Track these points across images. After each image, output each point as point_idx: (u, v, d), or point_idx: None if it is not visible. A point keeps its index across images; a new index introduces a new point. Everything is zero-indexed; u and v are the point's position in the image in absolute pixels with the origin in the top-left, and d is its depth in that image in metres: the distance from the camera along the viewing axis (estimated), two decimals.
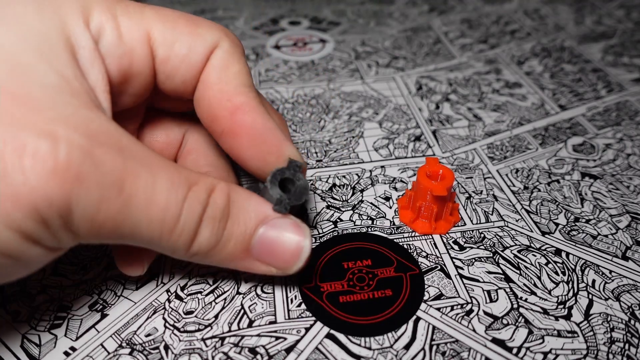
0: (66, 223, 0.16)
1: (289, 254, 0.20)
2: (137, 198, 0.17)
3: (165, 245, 0.18)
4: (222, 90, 0.21)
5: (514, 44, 0.46)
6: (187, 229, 0.18)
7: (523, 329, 0.21)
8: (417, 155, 0.32)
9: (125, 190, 0.16)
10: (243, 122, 0.21)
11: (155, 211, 0.17)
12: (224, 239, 0.19)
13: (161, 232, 0.18)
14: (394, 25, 0.50)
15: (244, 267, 0.21)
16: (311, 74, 0.41)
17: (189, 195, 0.18)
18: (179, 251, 0.19)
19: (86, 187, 0.15)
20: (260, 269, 0.21)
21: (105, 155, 0.16)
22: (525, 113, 0.36)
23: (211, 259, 0.20)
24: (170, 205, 0.17)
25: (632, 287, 0.23)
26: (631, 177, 0.30)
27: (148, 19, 0.20)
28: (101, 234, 0.17)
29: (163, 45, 0.21)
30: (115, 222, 0.17)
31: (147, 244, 0.18)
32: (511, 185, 0.29)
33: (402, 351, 0.21)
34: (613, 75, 0.41)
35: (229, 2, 0.55)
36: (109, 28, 0.19)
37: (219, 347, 0.21)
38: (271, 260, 0.20)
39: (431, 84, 0.40)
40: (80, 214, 0.16)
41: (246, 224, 0.20)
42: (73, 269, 0.24)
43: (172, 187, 0.17)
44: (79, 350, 0.21)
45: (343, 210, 0.28)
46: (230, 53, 0.21)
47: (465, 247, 0.25)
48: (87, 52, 0.18)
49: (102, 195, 0.16)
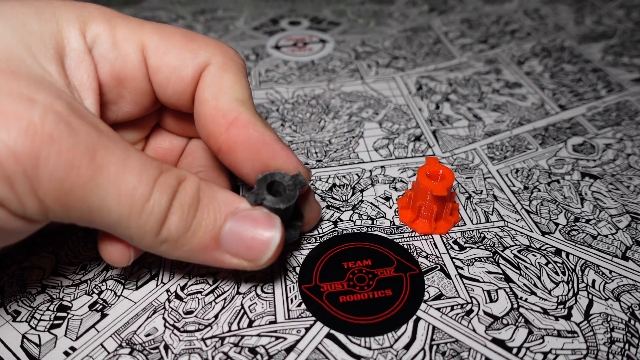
0: (32, 184, 0.16)
1: (258, 245, 0.20)
2: (107, 170, 0.17)
3: (134, 227, 0.18)
4: (216, 107, 0.21)
5: (514, 44, 0.46)
6: (156, 212, 0.18)
7: (523, 329, 0.21)
8: (417, 155, 0.32)
9: (97, 160, 0.17)
10: (237, 138, 0.21)
11: (125, 187, 0.17)
12: (193, 226, 0.19)
13: (130, 211, 0.17)
14: (394, 25, 0.50)
15: (214, 259, 0.20)
16: (311, 74, 0.41)
17: (159, 178, 0.18)
18: (147, 236, 0.18)
19: (56, 149, 0.16)
20: (231, 262, 0.20)
21: (81, 125, 0.17)
22: (525, 113, 0.36)
23: (181, 249, 0.19)
24: (141, 184, 0.17)
25: (632, 287, 0.23)
26: (631, 177, 0.30)
27: (145, 32, 0.22)
28: (68, 204, 0.17)
29: (155, 55, 0.22)
30: (84, 191, 0.17)
31: (116, 224, 0.18)
32: (511, 185, 0.29)
33: (402, 351, 0.21)
34: (613, 75, 0.41)
35: (229, 2, 0.55)
36: (105, 36, 0.21)
37: (219, 347, 0.21)
38: (240, 251, 0.20)
39: (431, 84, 0.40)
40: (48, 175, 0.16)
41: (216, 213, 0.19)
42: (73, 269, 0.24)
43: (143, 167, 0.18)
44: (79, 350, 0.21)
45: (343, 210, 0.28)
46: (223, 69, 0.22)
47: (465, 247, 0.25)
48: (75, 54, 0.20)
49: (72, 161, 0.16)
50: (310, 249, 0.25)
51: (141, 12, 0.51)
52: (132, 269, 0.24)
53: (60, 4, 0.20)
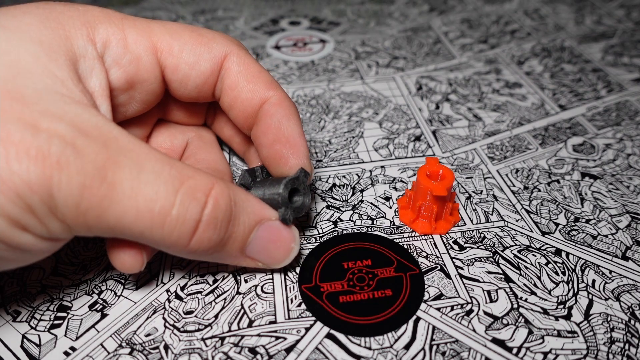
0: (51, 209, 0.16)
1: (280, 255, 0.22)
2: (121, 187, 0.17)
3: (158, 238, 0.18)
4: (252, 90, 0.23)
5: (514, 44, 0.46)
6: (183, 224, 0.18)
7: (523, 329, 0.21)
8: (417, 155, 0.32)
9: (108, 179, 0.17)
10: (268, 111, 0.23)
11: (143, 201, 0.17)
12: (225, 239, 0.20)
13: (152, 224, 0.18)
14: (394, 25, 0.50)
15: (235, 262, 0.22)
16: (311, 74, 0.41)
17: (181, 189, 0.18)
18: (176, 247, 0.19)
19: (67, 174, 0.16)
20: (248, 263, 0.22)
21: (87, 145, 0.17)
22: (525, 113, 0.36)
23: (210, 257, 0.20)
24: (159, 197, 0.17)
25: (632, 287, 0.23)
26: (631, 177, 0.30)
27: (155, 32, 0.22)
28: (89, 223, 0.17)
29: (170, 55, 0.22)
30: (100, 210, 0.17)
31: (140, 236, 0.18)
32: (511, 185, 0.29)
33: (402, 351, 0.21)
34: (613, 75, 0.41)
35: (229, 2, 0.55)
36: (115, 40, 0.21)
37: (219, 347, 0.21)
38: (262, 258, 0.22)
39: (431, 84, 0.40)
40: (63, 200, 0.16)
41: (245, 224, 0.20)
42: (73, 269, 0.24)
43: (159, 178, 0.18)
44: (79, 350, 0.21)
45: (343, 210, 0.28)
46: (244, 57, 0.23)
47: (465, 247, 0.25)
48: (87, 60, 0.20)
49: (84, 183, 0.16)
50: (310, 249, 0.25)
51: (141, 12, 0.51)
52: None
53: (63, 9, 0.20)
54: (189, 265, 0.24)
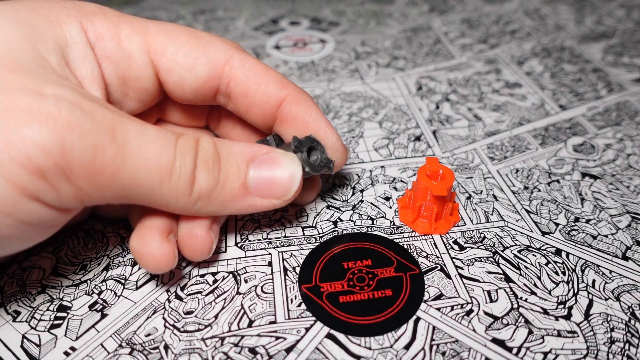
0: (63, 172, 0.16)
1: (285, 182, 0.22)
2: (130, 145, 0.18)
3: (166, 192, 0.19)
4: (265, 93, 0.24)
5: (514, 44, 0.46)
6: (184, 173, 0.19)
7: (523, 329, 0.21)
8: (417, 155, 0.32)
9: (118, 138, 0.17)
10: (290, 113, 0.24)
11: (151, 156, 0.18)
12: (221, 179, 0.20)
13: (160, 177, 0.18)
14: (394, 25, 0.50)
15: (246, 205, 0.22)
16: (311, 74, 0.41)
17: (178, 142, 0.19)
18: (181, 198, 0.20)
19: (79, 134, 0.16)
20: (262, 204, 0.22)
21: (94, 107, 0.17)
22: (525, 113, 0.36)
23: (214, 202, 0.21)
24: (164, 150, 0.18)
25: (632, 287, 0.23)
26: (631, 177, 0.30)
27: (150, 32, 0.22)
28: (101, 184, 0.17)
29: (164, 56, 0.22)
30: (113, 169, 0.17)
31: (149, 194, 0.19)
32: (511, 185, 0.29)
33: (402, 351, 0.21)
34: (613, 75, 0.41)
35: (229, 2, 0.55)
36: (108, 35, 0.21)
37: (219, 347, 0.21)
38: (269, 192, 0.22)
39: (431, 84, 0.40)
40: (77, 160, 0.16)
41: (237, 163, 0.21)
42: (73, 269, 0.24)
43: (160, 136, 0.19)
44: (79, 350, 0.21)
45: (343, 210, 0.28)
46: (246, 60, 0.23)
47: (465, 247, 0.25)
48: (79, 47, 0.20)
49: (96, 142, 0.17)
50: (310, 249, 0.25)
51: (141, 12, 0.51)
52: (132, 269, 0.24)
53: (57, 0, 0.20)
54: (189, 265, 0.24)
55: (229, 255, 0.25)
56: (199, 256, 0.22)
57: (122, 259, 0.25)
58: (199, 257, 0.23)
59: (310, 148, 0.24)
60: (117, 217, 0.26)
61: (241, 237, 0.26)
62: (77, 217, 0.26)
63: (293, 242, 0.26)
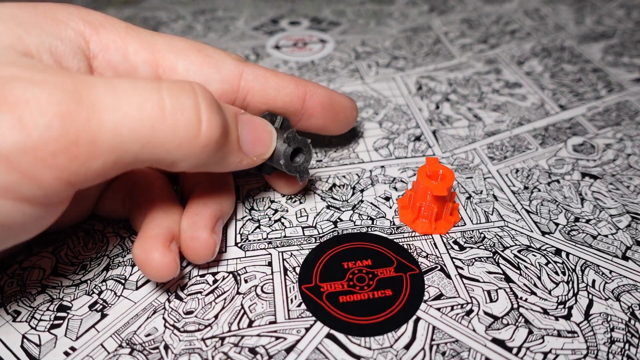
0: (34, 155, 0.15)
1: (265, 140, 0.22)
2: (102, 103, 0.16)
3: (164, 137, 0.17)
4: (288, 94, 0.25)
5: (514, 44, 0.46)
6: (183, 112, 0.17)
7: (523, 329, 0.21)
8: (417, 155, 0.32)
9: (85, 99, 0.15)
10: (315, 106, 0.26)
11: (132, 106, 0.16)
12: (227, 125, 0.19)
13: (152, 123, 0.16)
14: (394, 25, 0.50)
15: (237, 161, 0.21)
16: (311, 74, 0.41)
17: (162, 86, 0.17)
18: (188, 142, 0.17)
19: (37, 108, 0.15)
20: (247, 162, 0.21)
21: (47, 77, 0.16)
22: (525, 113, 0.36)
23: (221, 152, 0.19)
24: (146, 98, 0.16)
25: (632, 287, 0.23)
26: (631, 177, 0.30)
27: (158, 48, 0.22)
28: (84, 155, 0.15)
29: (174, 74, 0.22)
30: (90, 133, 0.15)
31: (143, 147, 0.17)
32: (511, 185, 0.29)
33: (402, 351, 0.21)
34: (613, 75, 0.41)
35: (229, 2, 0.55)
36: (115, 47, 0.21)
37: (219, 347, 0.21)
38: (253, 148, 0.21)
39: (431, 84, 0.40)
40: (45, 138, 0.15)
41: (229, 114, 0.20)
42: (73, 269, 0.24)
43: (135, 85, 0.17)
44: (79, 350, 0.21)
45: (343, 210, 0.28)
46: (256, 70, 0.24)
47: (465, 247, 0.25)
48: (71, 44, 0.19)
49: (59, 111, 0.15)
50: (310, 249, 0.25)
51: (141, 12, 0.51)
52: (132, 269, 0.24)
53: (63, 6, 0.20)
54: (189, 265, 0.24)
55: (229, 255, 0.25)
56: (202, 259, 0.23)
57: (122, 259, 0.25)
58: (203, 259, 0.23)
59: (297, 149, 0.24)
60: (118, 217, 0.26)
61: (241, 237, 0.26)
62: (77, 217, 0.26)
63: (293, 242, 0.26)
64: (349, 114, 0.29)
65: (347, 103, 0.29)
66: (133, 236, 0.26)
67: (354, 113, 0.29)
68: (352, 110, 0.29)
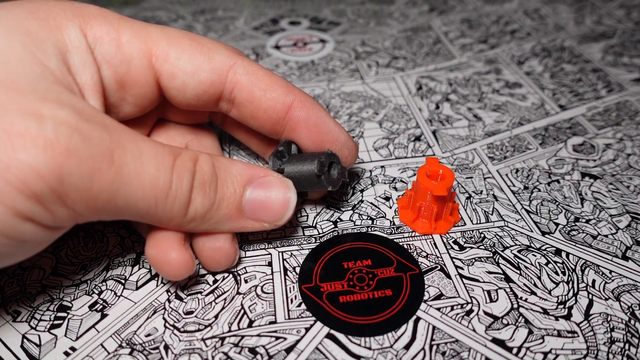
0: (60, 197, 0.16)
1: (278, 208, 0.22)
2: (127, 168, 0.18)
3: (161, 213, 0.19)
4: (272, 99, 0.24)
5: (514, 44, 0.46)
6: (180, 195, 0.19)
7: (523, 329, 0.21)
8: (417, 155, 0.32)
9: (115, 162, 0.17)
10: (300, 118, 0.24)
11: (147, 179, 0.18)
12: (217, 201, 0.20)
13: (156, 199, 0.18)
14: (394, 25, 0.50)
15: (238, 226, 0.22)
16: (311, 74, 0.41)
17: (175, 164, 0.19)
18: (176, 218, 0.20)
19: (77, 160, 0.16)
20: (254, 226, 0.22)
21: (92, 130, 0.17)
22: (525, 113, 0.36)
23: (208, 222, 0.21)
24: (160, 173, 0.18)
25: (632, 287, 0.23)
26: (631, 177, 0.30)
27: (151, 37, 0.22)
28: (97, 207, 0.18)
29: (166, 62, 0.22)
30: (110, 193, 0.17)
31: (145, 214, 0.19)
32: (511, 185, 0.29)
33: (402, 351, 0.21)
34: (613, 75, 0.41)
35: (229, 2, 0.55)
36: (108, 38, 0.21)
37: (219, 347, 0.21)
38: (263, 216, 0.22)
39: (431, 84, 0.40)
40: (74, 186, 0.16)
41: (234, 185, 0.21)
42: (73, 269, 0.24)
43: (157, 157, 0.19)
44: (79, 350, 0.21)
45: (343, 210, 0.28)
46: (249, 66, 0.23)
47: (465, 247, 0.25)
48: (79, 53, 0.20)
49: (93, 167, 0.17)
50: (310, 248, 0.25)
51: (141, 12, 0.51)
52: (132, 269, 0.24)
53: (56, 3, 0.20)
54: None
55: None
56: (223, 267, 0.23)
57: (122, 259, 0.25)
58: (223, 268, 0.23)
59: (330, 163, 0.24)
60: None
61: (241, 237, 0.26)
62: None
63: (293, 242, 0.26)
64: (339, 150, 0.25)
65: (341, 137, 0.25)
66: (133, 236, 0.26)
67: (346, 152, 0.25)
68: (342, 147, 0.25)
